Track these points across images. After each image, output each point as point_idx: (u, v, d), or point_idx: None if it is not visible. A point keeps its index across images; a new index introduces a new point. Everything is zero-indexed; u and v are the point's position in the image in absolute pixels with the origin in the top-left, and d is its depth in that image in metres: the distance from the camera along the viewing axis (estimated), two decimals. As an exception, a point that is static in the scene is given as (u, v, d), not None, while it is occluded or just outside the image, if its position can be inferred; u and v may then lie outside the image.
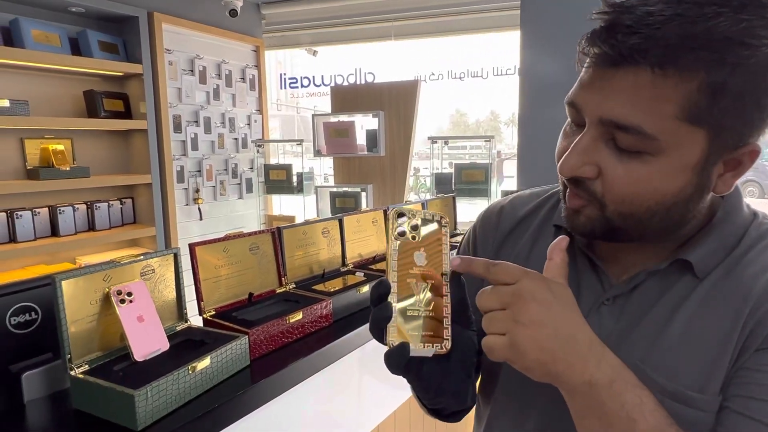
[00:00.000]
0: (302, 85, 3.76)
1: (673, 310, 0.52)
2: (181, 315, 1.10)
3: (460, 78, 3.34)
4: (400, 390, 1.39)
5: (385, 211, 1.81)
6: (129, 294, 0.96)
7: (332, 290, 1.36)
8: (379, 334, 0.49)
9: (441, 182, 3.14)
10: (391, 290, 0.48)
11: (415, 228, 0.51)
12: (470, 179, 3.01)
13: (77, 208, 2.78)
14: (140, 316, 0.97)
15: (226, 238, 1.23)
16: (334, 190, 3.32)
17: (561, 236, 0.50)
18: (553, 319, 0.45)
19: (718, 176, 0.49)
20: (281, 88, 3.83)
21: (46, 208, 2.65)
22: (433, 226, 0.52)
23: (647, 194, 0.48)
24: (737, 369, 0.49)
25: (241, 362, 1.03)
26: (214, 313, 1.17)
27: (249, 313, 1.19)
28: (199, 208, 3.26)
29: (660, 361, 0.51)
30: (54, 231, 2.68)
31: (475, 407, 0.71)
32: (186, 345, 1.03)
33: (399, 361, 0.47)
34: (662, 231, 0.52)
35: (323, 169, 3.87)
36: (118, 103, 2.91)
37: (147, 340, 0.96)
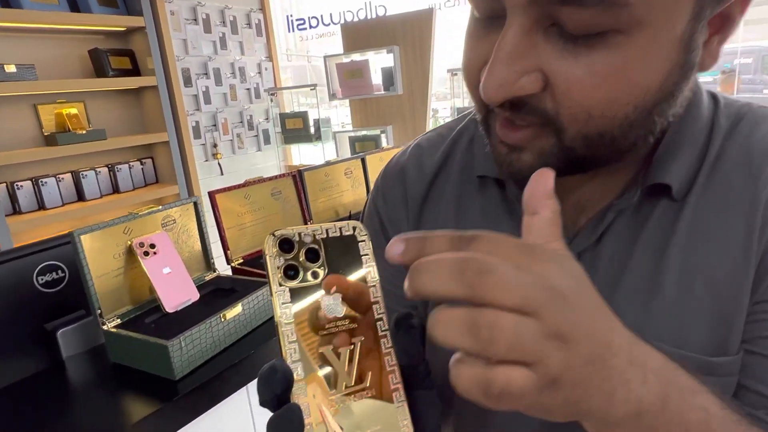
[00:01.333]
0: (311, 26, 3.58)
1: (661, 251, 0.39)
2: (209, 264, 1.07)
3: (477, 2, 3.11)
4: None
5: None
6: (152, 246, 0.93)
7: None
8: None
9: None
10: (294, 377, 0.29)
11: (313, 256, 0.31)
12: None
13: (99, 172, 2.78)
14: (166, 267, 0.94)
15: (246, 184, 1.19)
16: (353, 134, 3.22)
17: (540, 170, 0.30)
18: (586, 325, 0.26)
19: (703, 45, 0.34)
20: (289, 31, 3.66)
21: (69, 174, 2.66)
22: (346, 243, 0.32)
23: (622, 96, 0.32)
24: (755, 303, 0.37)
25: (270, 310, 1.00)
26: (241, 261, 1.14)
27: (277, 259, 1.16)
28: (219, 163, 3.22)
29: (660, 324, 0.38)
30: (80, 196, 2.70)
31: None
32: (216, 294, 1.01)
33: None
34: (639, 143, 0.36)
35: (340, 117, 3.75)
36: (124, 60, 2.83)
37: (176, 291, 0.94)
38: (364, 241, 0.32)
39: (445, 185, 0.49)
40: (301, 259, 0.31)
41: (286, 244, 0.30)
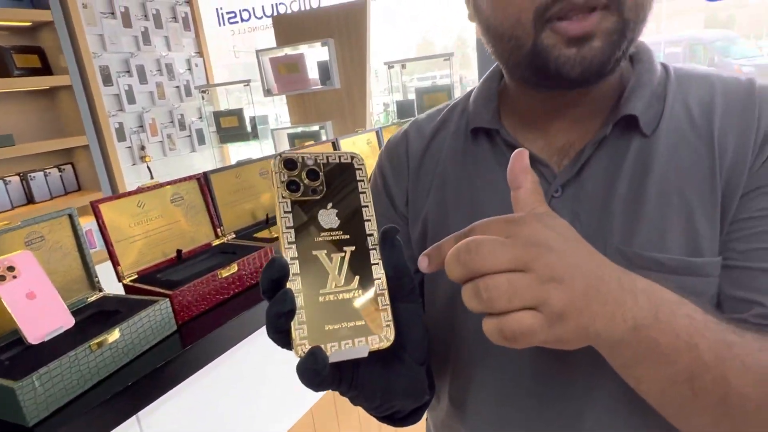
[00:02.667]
0: (242, 19, 3.42)
1: (641, 177, 0.46)
2: (93, 284, 0.95)
3: (412, -7, 3.05)
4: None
5: (333, 144, 1.64)
6: (10, 268, 0.80)
7: (275, 236, 1.22)
8: (283, 339, 0.34)
9: (404, 111, 2.94)
10: (290, 272, 0.33)
11: (313, 176, 0.36)
12: (433, 103, 2.82)
13: (9, 181, 2.54)
14: (30, 293, 0.82)
15: (139, 190, 1.06)
16: (292, 131, 3.10)
17: (517, 150, 0.37)
18: (576, 264, 0.33)
19: None
20: (220, 24, 3.48)
21: (-28, 185, 2.41)
22: (344, 169, 0.37)
23: None
24: (730, 223, 0.44)
25: (165, 329, 0.89)
26: (136, 277, 1.02)
27: (177, 273, 1.05)
28: (148, 167, 3.03)
29: (645, 237, 0.44)
30: (-13, 208, 2.46)
31: None
32: (97, 318, 0.89)
33: (315, 375, 0.32)
34: (625, 56, 0.45)
35: (278, 115, 3.62)
36: (32, 58, 2.59)
37: (43, 319, 0.82)
38: (360, 168, 0.37)
39: (443, 141, 0.57)
40: (302, 177, 0.36)
41: (290, 163, 0.35)
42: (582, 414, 0.48)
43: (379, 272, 0.36)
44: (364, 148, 1.76)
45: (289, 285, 0.33)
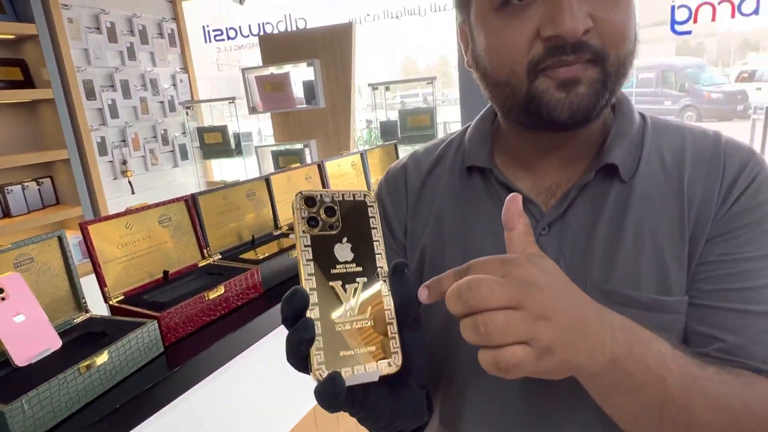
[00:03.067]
0: (228, 37, 3.45)
1: (620, 219, 0.50)
2: (79, 305, 0.96)
3: (396, 17, 3.14)
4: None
5: (319, 166, 1.67)
6: (-1, 290, 0.81)
7: (261, 257, 1.24)
8: (301, 364, 0.37)
9: (388, 131, 2.99)
10: (310, 301, 0.36)
11: (330, 213, 0.39)
12: (417, 124, 2.88)
13: (-15, 194, 2.50)
14: (19, 314, 0.82)
15: (128, 212, 1.08)
16: (275, 148, 3.13)
17: (512, 195, 0.40)
18: (563, 303, 0.36)
19: None
20: (206, 41, 3.51)
21: (-53, 198, 2.37)
22: (357, 206, 0.40)
23: (631, 21, 0.46)
24: (697, 265, 0.48)
25: (152, 351, 0.91)
26: (122, 298, 1.03)
27: (164, 294, 1.06)
28: (129, 182, 3.01)
29: (621, 276, 0.49)
30: (-39, 222, 2.41)
31: None
32: (85, 340, 0.90)
33: (334, 398, 0.35)
34: (609, 106, 0.50)
35: (263, 130, 3.64)
36: (14, 71, 2.57)
37: (30, 341, 0.82)
38: (372, 206, 0.41)
39: (439, 177, 0.61)
40: (321, 213, 0.39)
41: (310, 201, 0.39)
42: None
43: (388, 302, 0.39)
44: (348, 170, 1.80)
45: (308, 314, 0.36)
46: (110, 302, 1.01)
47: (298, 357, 0.36)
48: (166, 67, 3.24)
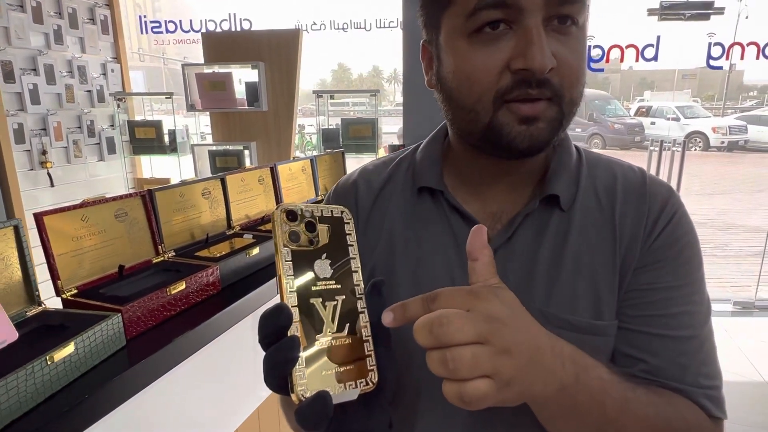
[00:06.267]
0: (167, 30, 3.33)
1: (560, 248, 0.53)
2: (32, 297, 0.93)
3: (343, 29, 3.22)
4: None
5: (272, 169, 1.70)
6: (-46, 279, 0.78)
7: (218, 255, 1.25)
8: (280, 383, 0.36)
9: (328, 138, 3.06)
10: (293, 319, 0.36)
11: (311, 228, 0.38)
12: (357, 134, 2.98)
13: None
14: (-27, 305, 0.79)
15: (84, 204, 1.06)
16: (214, 148, 3.06)
17: (477, 226, 0.42)
18: (523, 337, 0.38)
19: None
20: (142, 32, 3.36)
21: None
22: (335, 222, 0.40)
23: (583, 66, 0.49)
24: (625, 292, 0.52)
25: (115, 344, 0.90)
26: (75, 292, 1.01)
27: (121, 288, 1.05)
28: (48, 173, 2.80)
29: (560, 300, 0.52)
30: None
31: None
32: (42, 332, 0.88)
33: (321, 419, 0.35)
34: (559, 140, 0.53)
35: (200, 127, 3.53)
36: None
37: (-14, 332, 0.79)
38: (348, 223, 0.41)
39: (390, 197, 0.61)
40: (302, 228, 0.38)
41: (291, 215, 0.38)
42: None
43: (365, 320, 0.39)
44: (299, 175, 1.85)
45: (290, 332, 0.35)
46: (64, 295, 0.99)
47: (281, 376, 0.35)
48: (97, 55, 3.07)
